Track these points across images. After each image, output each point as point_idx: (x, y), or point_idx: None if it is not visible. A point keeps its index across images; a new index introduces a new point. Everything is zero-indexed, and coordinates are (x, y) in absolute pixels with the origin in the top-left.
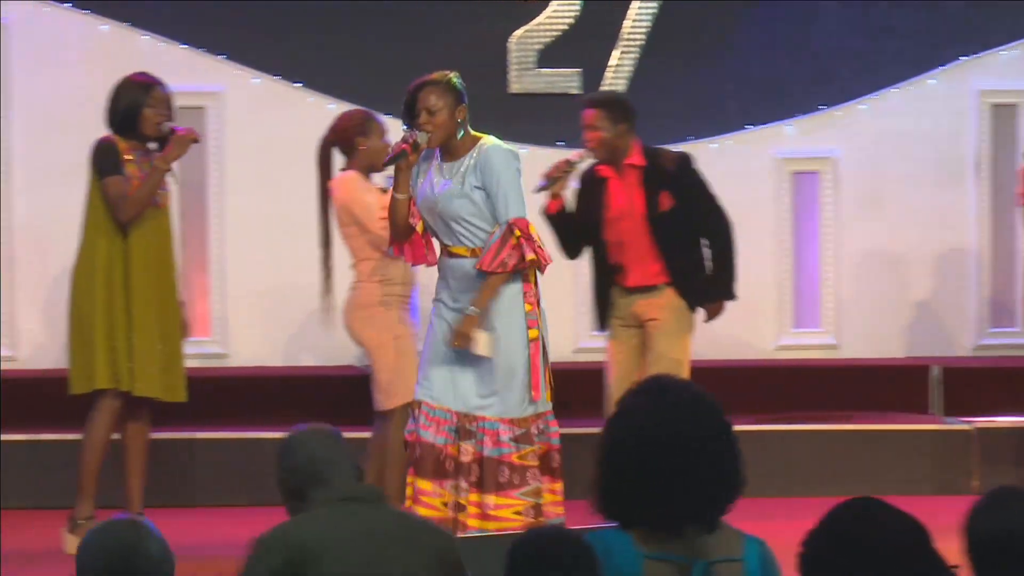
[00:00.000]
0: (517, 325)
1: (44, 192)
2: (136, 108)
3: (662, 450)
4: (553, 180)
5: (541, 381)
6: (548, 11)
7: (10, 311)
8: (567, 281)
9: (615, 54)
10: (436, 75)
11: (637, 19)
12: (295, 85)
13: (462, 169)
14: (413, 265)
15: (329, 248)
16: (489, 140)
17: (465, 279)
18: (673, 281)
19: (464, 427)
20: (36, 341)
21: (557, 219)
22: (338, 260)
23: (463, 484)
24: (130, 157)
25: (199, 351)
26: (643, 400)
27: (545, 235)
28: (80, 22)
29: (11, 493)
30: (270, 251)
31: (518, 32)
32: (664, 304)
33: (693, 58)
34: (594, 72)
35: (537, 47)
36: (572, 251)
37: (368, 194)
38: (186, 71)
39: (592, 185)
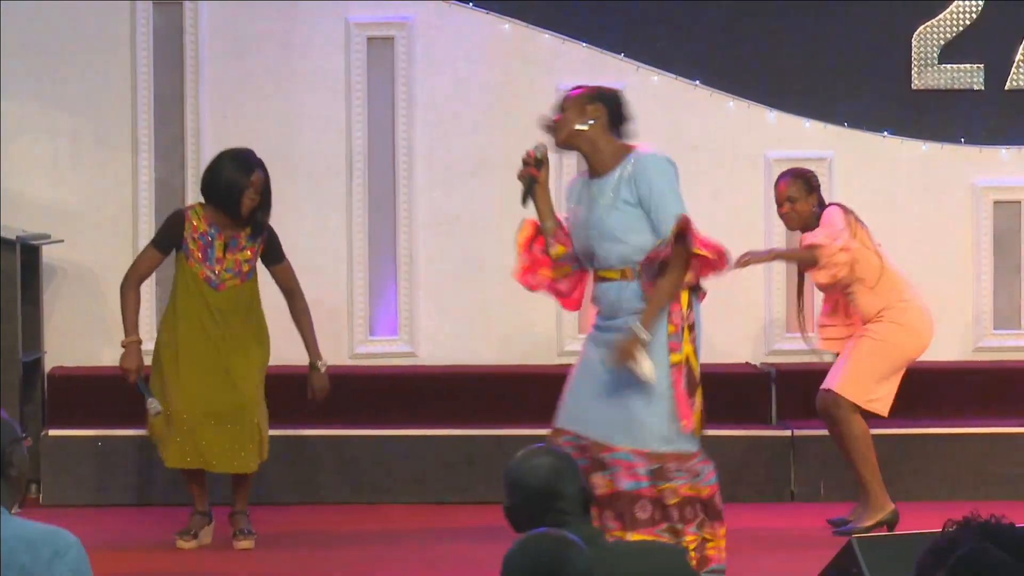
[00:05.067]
0: (657, 348)
1: (445, 190)
2: (238, 189)
3: None
4: None
5: (691, 412)
6: (952, 6)
7: (410, 309)
8: (968, 283)
9: (1021, 49)
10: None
11: None
12: (693, 83)
13: (612, 183)
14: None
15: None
16: (641, 148)
17: (615, 304)
18: None
19: (597, 457)
20: (436, 339)
21: None
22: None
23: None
24: (204, 229)
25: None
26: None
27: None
28: (483, 21)
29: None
30: None
31: (921, 27)
32: None
33: None
34: (998, 68)
35: (940, 42)
36: None
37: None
38: (586, 69)
39: None
